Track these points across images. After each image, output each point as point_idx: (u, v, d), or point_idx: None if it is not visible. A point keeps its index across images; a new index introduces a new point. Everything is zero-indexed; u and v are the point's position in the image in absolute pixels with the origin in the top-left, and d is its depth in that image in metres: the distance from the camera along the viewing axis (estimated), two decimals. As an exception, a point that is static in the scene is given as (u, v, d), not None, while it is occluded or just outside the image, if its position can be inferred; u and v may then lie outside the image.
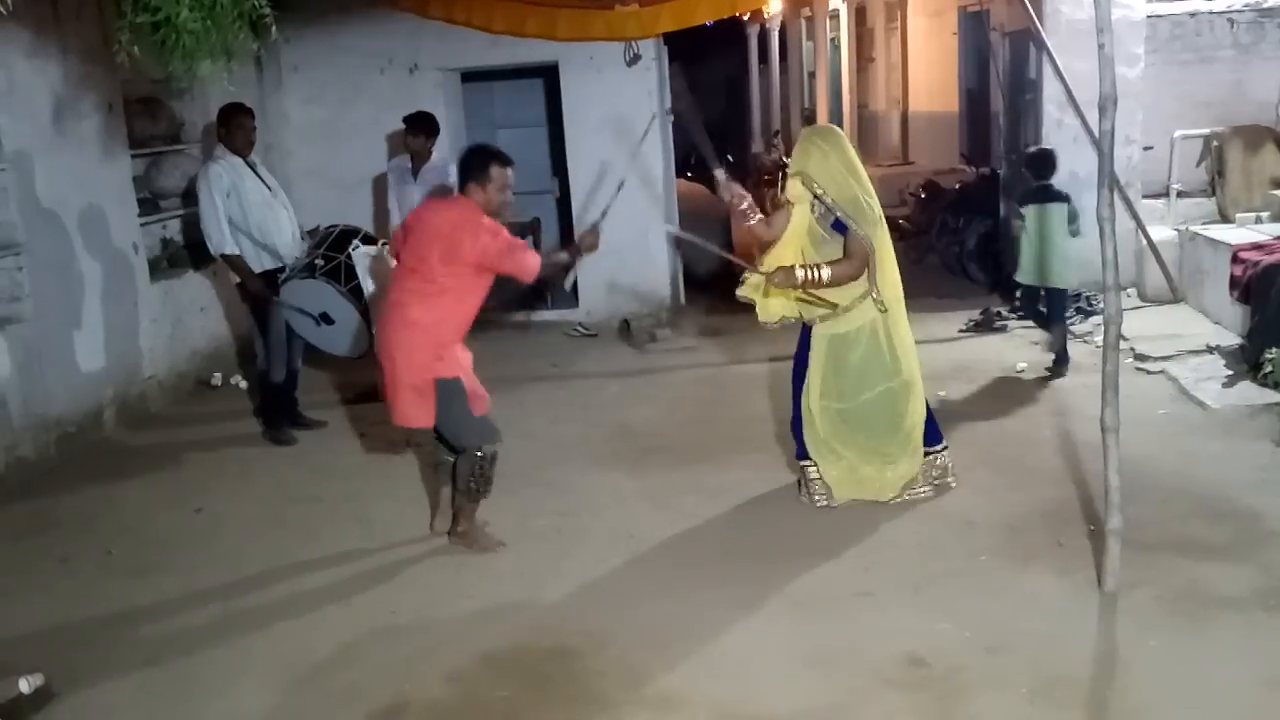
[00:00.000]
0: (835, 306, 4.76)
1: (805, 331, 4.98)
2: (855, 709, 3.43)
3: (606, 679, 3.68)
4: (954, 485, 5.04)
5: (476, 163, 4.48)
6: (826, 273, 4.66)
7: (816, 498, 4.97)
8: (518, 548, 4.75)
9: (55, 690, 3.76)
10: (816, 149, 4.75)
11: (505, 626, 4.09)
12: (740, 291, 4.98)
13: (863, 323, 4.82)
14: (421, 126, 7.06)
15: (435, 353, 4.45)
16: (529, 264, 4.46)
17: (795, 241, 4.87)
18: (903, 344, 4.89)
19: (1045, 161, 6.82)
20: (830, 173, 4.69)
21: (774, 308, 4.96)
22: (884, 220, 4.80)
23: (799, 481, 5.10)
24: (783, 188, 5.02)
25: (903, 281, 4.91)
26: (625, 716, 3.48)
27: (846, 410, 4.91)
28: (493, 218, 4.48)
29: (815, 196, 4.73)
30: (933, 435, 5.02)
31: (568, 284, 4.23)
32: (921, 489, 4.97)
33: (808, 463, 5.00)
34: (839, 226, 4.72)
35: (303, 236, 6.32)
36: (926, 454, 4.98)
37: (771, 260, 4.82)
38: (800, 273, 4.66)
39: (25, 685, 3.65)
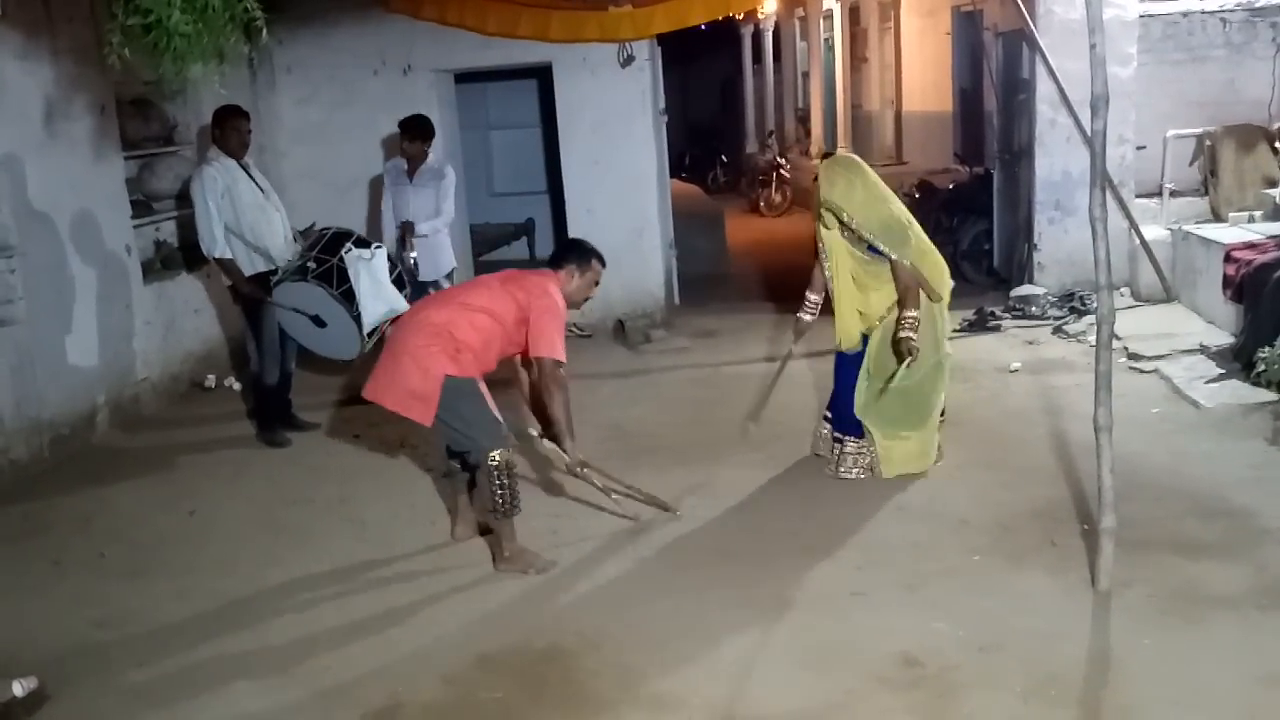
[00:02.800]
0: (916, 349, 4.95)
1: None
2: (850, 709, 3.43)
3: (601, 680, 3.68)
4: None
5: (583, 253, 4.74)
6: (913, 315, 4.90)
7: (856, 472, 5.22)
8: (512, 549, 4.74)
9: (48, 693, 3.74)
10: (841, 178, 4.96)
11: (500, 628, 4.08)
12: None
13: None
14: (417, 131, 7.04)
15: (452, 353, 4.40)
16: (556, 354, 4.51)
17: (844, 265, 5.10)
18: (945, 326, 5.21)
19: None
20: (855, 200, 4.89)
21: (854, 332, 5.21)
22: (915, 223, 5.02)
23: (830, 455, 5.36)
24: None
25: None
26: (620, 717, 3.47)
27: (896, 388, 4.98)
28: (570, 305, 4.70)
29: (841, 223, 4.96)
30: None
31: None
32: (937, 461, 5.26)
33: (852, 438, 5.24)
34: (874, 249, 4.95)
35: (296, 239, 6.32)
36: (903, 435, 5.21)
37: (840, 293, 5.13)
38: (911, 334, 4.87)
39: (18, 688, 3.64)
